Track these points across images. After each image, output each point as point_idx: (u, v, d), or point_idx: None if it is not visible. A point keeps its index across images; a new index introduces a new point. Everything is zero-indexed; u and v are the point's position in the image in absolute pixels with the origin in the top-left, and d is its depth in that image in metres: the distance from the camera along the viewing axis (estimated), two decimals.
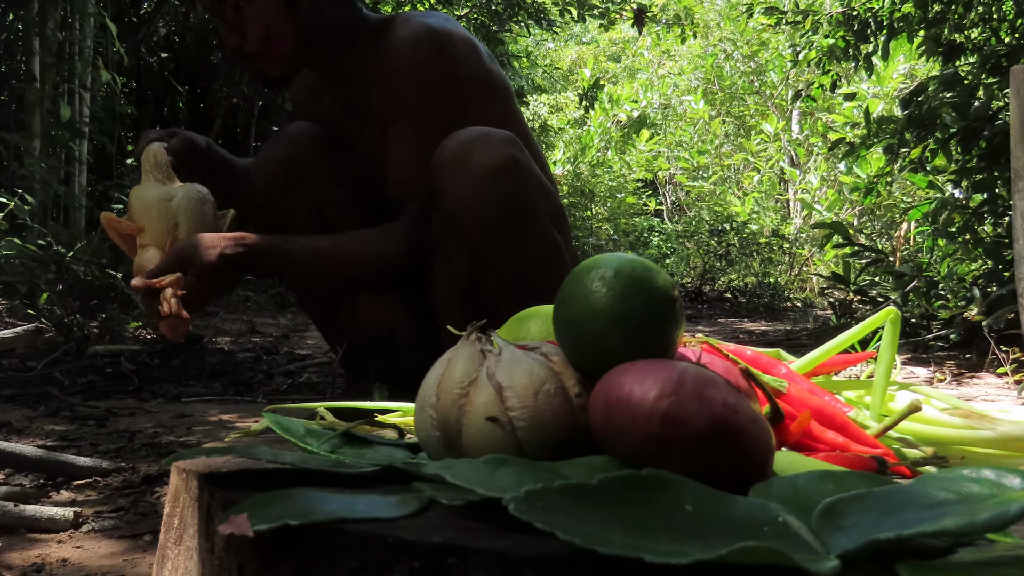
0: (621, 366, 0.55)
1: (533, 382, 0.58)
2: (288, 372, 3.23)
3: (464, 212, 1.52)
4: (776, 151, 10.72)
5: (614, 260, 0.61)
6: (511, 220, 1.52)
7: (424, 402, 0.60)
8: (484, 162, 1.49)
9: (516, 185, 1.52)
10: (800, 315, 7.14)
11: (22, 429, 2.20)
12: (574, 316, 0.60)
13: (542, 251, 1.59)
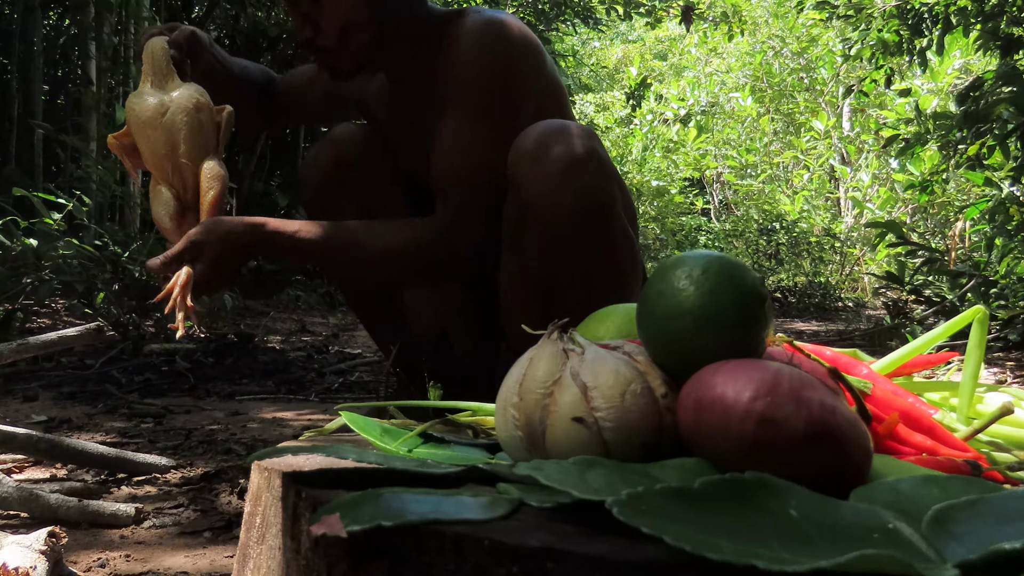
0: (712, 366, 0.53)
1: (619, 382, 0.56)
2: (339, 371, 3.25)
3: (542, 204, 1.49)
4: (826, 148, 10.56)
5: (701, 257, 0.59)
6: (590, 214, 1.49)
7: (506, 402, 0.59)
8: (564, 154, 1.46)
9: (596, 178, 1.48)
10: (852, 315, 7.02)
11: (82, 426, 2.24)
12: (660, 314, 0.58)
13: (618, 246, 1.56)
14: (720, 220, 12.27)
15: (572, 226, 1.50)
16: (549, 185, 1.47)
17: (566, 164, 1.46)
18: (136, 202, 5.00)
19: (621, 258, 1.58)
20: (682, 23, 7.27)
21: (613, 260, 1.57)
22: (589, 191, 1.48)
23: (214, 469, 1.71)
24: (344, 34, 1.59)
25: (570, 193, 1.47)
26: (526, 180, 1.50)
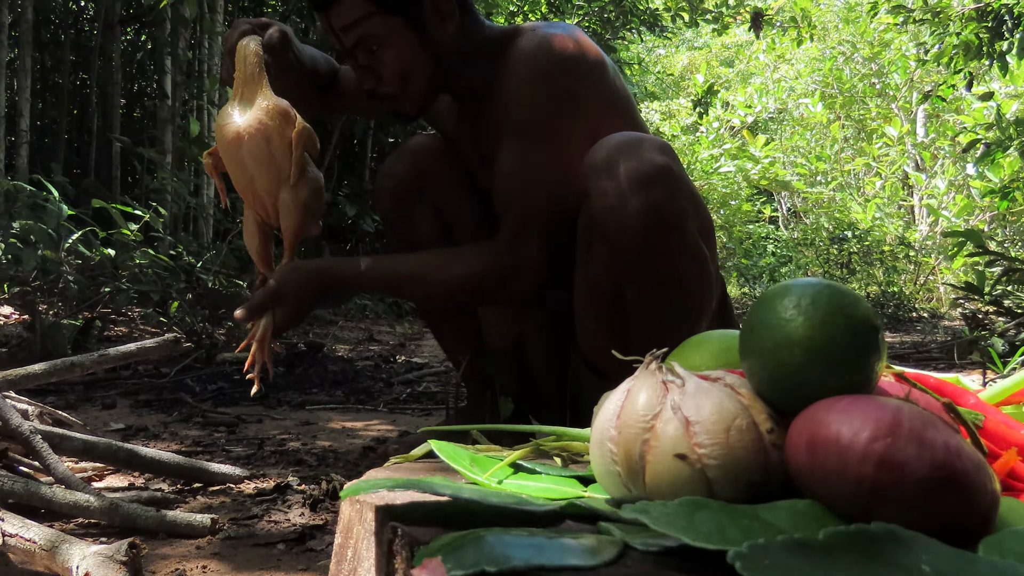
0: (823, 402, 0.50)
1: (724, 417, 0.53)
2: (407, 381, 3.26)
3: (611, 220, 1.46)
4: (899, 155, 10.30)
5: (809, 285, 0.56)
6: (661, 231, 1.45)
7: (602, 435, 0.57)
8: (636, 168, 1.43)
9: (668, 194, 1.45)
10: (928, 326, 6.82)
11: (158, 434, 2.27)
12: (767, 346, 0.55)
13: (690, 264, 1.52)
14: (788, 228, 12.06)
15: (639, 242, 1.46)
16: (617, 200, 1.45)
17: (635, 179, 1.43)
18: (209, 213, 5.11)
19: (691, 275, 1.53)
20: (751, 30, 7.16)
21: (682, 277, 1.53)
22: (658, 207, 1.44)
23: (286, 480, 1.72)
24: (405, 81, 1.60)
25: (638, 209, 1.43)
26: (595, 193, 1.48)
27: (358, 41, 1.57)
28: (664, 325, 1.57)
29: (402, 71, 1.58)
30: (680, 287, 1.53)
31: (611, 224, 1.47)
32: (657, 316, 1.55)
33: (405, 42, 1.57)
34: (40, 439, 1.44)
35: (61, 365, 1.57)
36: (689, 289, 1.54)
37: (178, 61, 5.18)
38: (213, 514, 1.49)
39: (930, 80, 9.12)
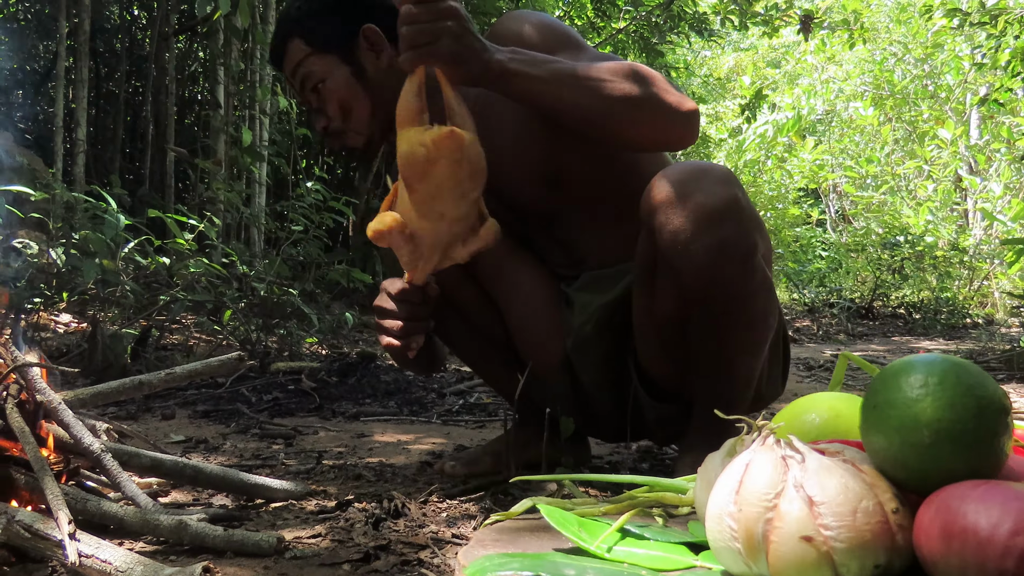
0: (956, 488, 0.49)
1: (849, 498, 0.52)
2: (459, 392, 3.27)
3: (680, 257, 1.45)
4: (951, 157, 10.10)
5: (935, 364, 0.55)
6: (730, 267, 1.45)
7: (721, 510, 0.56)
8: (704, 203, 1.42)
9: (736, 229, 1.43)
10: (982, 334, 6.69)
11: (217, 447, 2.31)
12: (892, 425, 0.55)
13: (757, 296, 1.52)
14: (836, 231, 11.89)
15: (707, 279, 1.45)
16: (685, 237, 1.43)
17: (706, 215, 1.42)
18: (261, 222, 5.18)
19: (758, 307, 1.53)
20: (800, 32, 7.08)
21: (750, 309, 1.52)
22: (729, 243, 1.43)
23: (347, 498, 1.73)
24: (346, 112, 1.71)
25: (707, 247, 1.42)
26: (661, 228, 1.46)
27: (303, 82, 1.72)
28: (728, 355, 1.56)
29: (341, 103, 1.70)
30: (748, 318, 1.52)
31: (679, 262, 1.46)
32: (722, 347, 1.55)
33: (341, 76, 1.70)
34: (110, 458, 1.46)
35: (130, 384, 1.60)
36: (754, 320, 1.53)
37: (231, 72, 5.26)
38: (278, 532, 1.51)
39: (984, 81, 8.93)
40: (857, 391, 3.19)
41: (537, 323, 1.87)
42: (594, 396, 1.89)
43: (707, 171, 1.47)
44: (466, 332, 1.94)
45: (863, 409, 0.58)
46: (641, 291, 1.65)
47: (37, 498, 1.41)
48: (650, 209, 1.49)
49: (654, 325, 1.64)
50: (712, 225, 1.42)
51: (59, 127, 5.71)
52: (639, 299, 1.66)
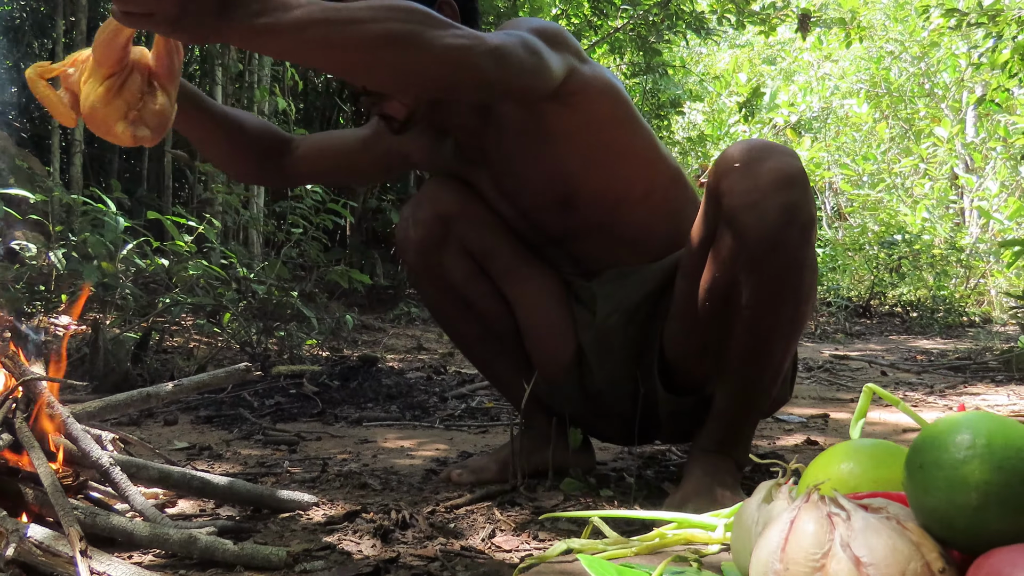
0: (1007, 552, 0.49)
1: (898, 559, 0.52)
2: (460, 395, 3.27)
3: (750, 214, 1.50)
4: (947, 155, 10.11)
5: (981, 424, 0.55)
6: (795, 230, 1.50)
7: (767, 568, 0.56)
8: (776, 167, 1.49)
9: (804, 196, 1.51)
10: (979, 333, 6.70)
11: (221, 454, 2.30)
12: (939, 486, 0.55)
13: (809, 270, 1.57)
14: (832, 228, 11.90)
15: (773, 239, 1.50)
16: (759, 195, 1.49)
17: (777, 178, 1.49)
18: (260, 224, 5.17)
19: (806, 283, 1.58)
20: (798, 31, 7.08)
21: (800, 283, 1.57)
22: (796, 207, 1.50)
23: (354, 508, 1.73)
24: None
25: (778, 206, 1.48)
26: (732, 190, 1.52)
27: None
28: (768, 331, 1.58)
29: None
30: (796, 293, 1.57)
31: (750, 218, 1.50)
32: (765, 320, 1.58)
33: None
34: (119, 471, 1.46)
35: (138, 396, 1.60)
36: (802, 297, 1.58)
37: (229, 72, 5.24)
38: (286, 543, 1.51)
39: (980, 79, 8.94)
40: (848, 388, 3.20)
41: (549, 318, 1.88)
42: (606, 394, 1.89)
43: (776, 145, 1.55)
44: (478, 334, 1.95)
45: (908, 468, 0.58)
46: (689, 266, 1.68)
47: (47, 512, 1.41)
48: (721, 173, 1.55)
49: (696, 302, 1.66)
50: (783, 189, 1.48)
51: (56, 126, 5.70)
52: (684, 276, 1.69)
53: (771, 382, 1.66)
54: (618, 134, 1.69)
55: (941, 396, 3.41)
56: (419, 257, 1.85)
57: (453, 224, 1.82)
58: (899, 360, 4.89)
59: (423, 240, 1.82)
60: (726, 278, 1.59)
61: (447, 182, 1.86)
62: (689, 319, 1.70)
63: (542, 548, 1.49)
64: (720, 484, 1.62)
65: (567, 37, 1.65)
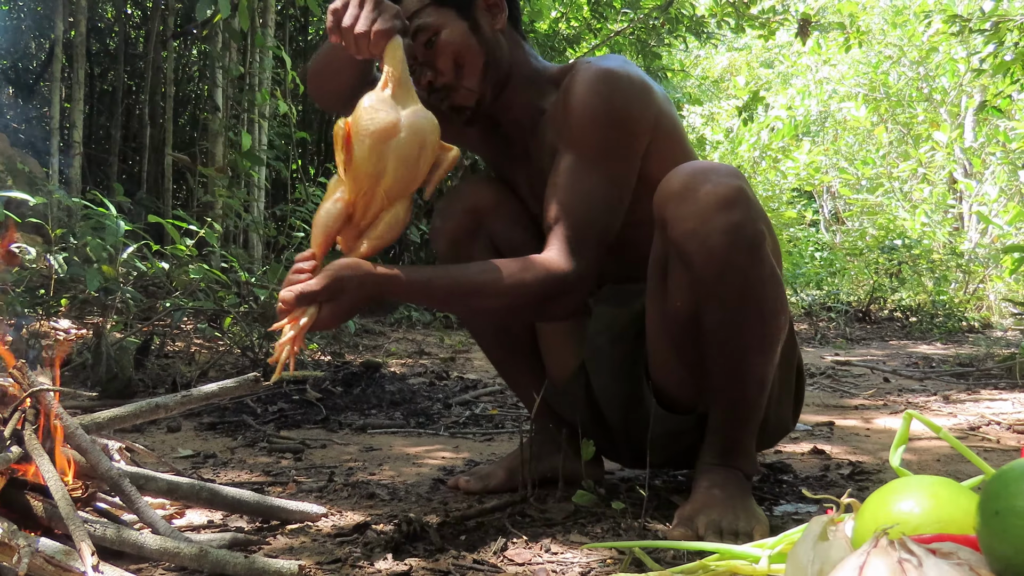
0: None
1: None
2: (464, 402, 3.26)
3: (692, 242, 1.50)
4: (945, 159, 10.11)
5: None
6: (741, 251, 1.49)
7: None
8: (713, 191, 1.48)
9: (745, 215, 1.49)
10: (979, 338, 6.70)
11: (226, 462, 2.29)
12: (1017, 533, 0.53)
13: (768, 285, 1.55)
14: (829, 231, 11.91)
15: (720, 263, 1.50)
16: (697, 222, 1.49)
17: (715, 201, 1.48)
18: (260, 228, 5.16)
19: (768, 297, 1.56)
20: (798, 36, 7.08)
21: (761, 299, 1.56)
22: (739, 228, 1.48)
23: (363, 519, 1.72)
24: (459, 68, 1.69)
25: (719, 230, 1.48)
26: (673, 218, 1.52)
27: (415, 34, 1.67)
28: (741, 350, 1.58)
29: (456, 58, 1.68)
30: (759, 309, 1.56)
31: (693, 246, 1.50)
32: (735, 340, 1.58)
33: (457, 30, 1.68)
34: (128, 483, 1.44)
35: (146, 407, 1.59)
36: (767, 312, 1.57)
37: (230, 75, 5.22)
38: (296, 556, 1.50)
39: (979, 84, 8.95)
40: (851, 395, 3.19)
41: (560, 327, 1.90)
42: (605, 411, 1.89)
43: (714, 167, 1.53)
44: (496, 330, 1.97)
45: (982, 513, 0.57)
46: (654, 293, 1.69)
47: (55, 524, 1.39)
48: (662, 202, 1.55)
49: (667, 327, 1.68)
50: (722, 211, 1.47)
51: (55, 128, 5.67)
52: (652, 303, 1.70)
53: (757, 394, 1.65)
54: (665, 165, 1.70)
55: (946, 403, 3.40)
56: (449, 247, 1.87)
57: (484, 219, 1.86)
58: (900, 366, 4.88)
59: (454, 231, 1.86)
60: (688, 305, 1.60)
61: (483, 180, 1.91)
62: (664, 343, 1.71)
63: (554, 562, 1.48)
64: (729, 496, 1.61)
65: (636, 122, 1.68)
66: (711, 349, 1.61)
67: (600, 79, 1.66)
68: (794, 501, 1.90)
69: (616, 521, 1.69)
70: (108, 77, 8.90)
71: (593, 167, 1.65)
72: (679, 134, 1.80)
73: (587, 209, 1.64)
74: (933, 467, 2.26)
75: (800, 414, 1.92)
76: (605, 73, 1.67)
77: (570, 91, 1.68)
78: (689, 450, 1.80)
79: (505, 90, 1.77)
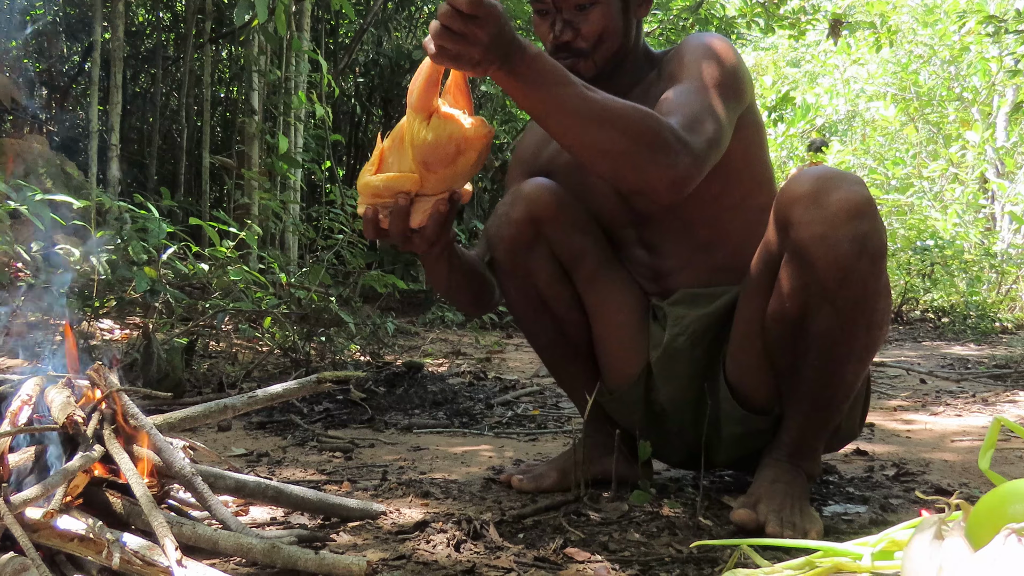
0: None
1: None
2: (505, 402, 3.29)
3: (819, 247, 1.51)
4: (976, 159, 10.03)
5: None
6: (866, 261, 1.51)
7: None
8: (846, 198, 1.50)
9: (873, 226, 1.51)
10: (1013, 339, 6.66)
11: (280, 460, 2.33)
12: None
13: (882, 298, 1.58)
14: None
15: (845, 271, 1.52)
16: (827, 227, 1.50)
17: (847, 209, 1.50)
18: (300, 230, 5.22)
19: (880, 309, 1.59)
20: (829, 37, 7.06)
21: (874, 310, 1.58)
22: (866, 238, 1.51)
23: (422, 517, 1.75)
24: (600, 41, 1.74)
25: (848, 238, 1.50)
26: (801, 221, 1.53)
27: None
28: (842, 357, 1.60)
29: (602, 31, 1.74)
30: (869, 320, 1.59)
31: (820, 251, 1.52)
32: (839, 347, 1.60)
33: (614, 7, 1.74)
34: (201, 481, 1.49)
35: (215, 407, 1.63)
36: (877, 322, 1.60)
37: (267, 79, 5.29)
38: (360, 553, 1.53)
39: (1012, 84, 8.87)
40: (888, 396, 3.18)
41: (623, 332, 1.91)
42: (668, 412, 1.91)
43: (843, 174, 1.56)
44: (552, 337, 1.96)
45: None
46: (756, 292, 1.70)
47: (134, 521, 1.44)
48: (788, 202, 1.56)
49: (765, 327, 1.68)
50: (853, 220, 1.49)
51: (94, 132, 5.76)
52: (749, 302, 1.72)
53: (843, 401, 1.68)
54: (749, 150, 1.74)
55: (985, 405, 3.40)
56: (507, 255, 1.86)
57: (544, 227, 1.84)
58: (935, 367, 4.86)
59: (514, 239, 1.84)
60: (796, 307, 1.61)
61: (546, 184, 1.87)
62: (755, 343, 1.73)
63: (613, 559, 1.51)
64: (790, 493, 1.64)
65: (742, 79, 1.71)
66: (811, 353, 1.63)
67: (712, 41, 1.73)
68: (842, 501, 1.92)
69: (670, 520, 1.72)
70: (140, 80, 9.02)
71: (704, 89, 1.63)
72: (761, 127, 1.84)
73: (701, 110, 1.58)
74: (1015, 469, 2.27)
75: (866, 418, 1.94)
76: (715, 38, 1.74)
77: (678, 51, 1.75)
78: (756, 454, 1.82)
79: (618, 69, 1.81)
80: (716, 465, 1.98)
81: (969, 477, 2.15)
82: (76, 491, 1.38)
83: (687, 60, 1.70)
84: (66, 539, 1.25)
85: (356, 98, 8.47)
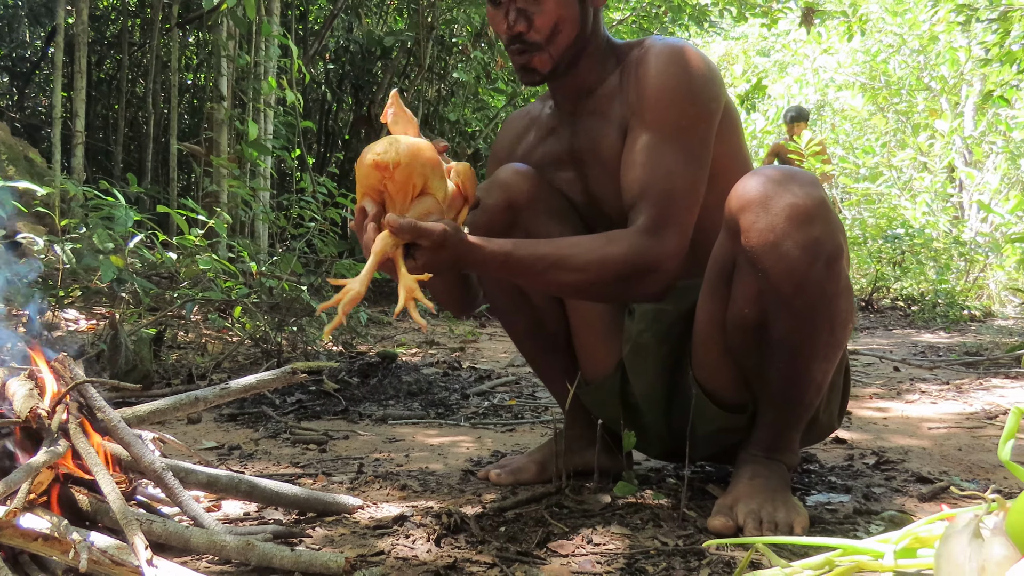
0: None
1: None
2: (481, 392, 3.25)
3: (769, 256, 1.47)
4: (943, 148, 10.11)
5: None
6: (820, 267, 1.47)
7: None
8: (795, 203, 1.45)
9: (825, 230, 1.46)
10: (981, 327, 6.73)
11: (252, 453, 2.28)
12: None
13: (841, 298, 1.54)
14: None
15: (798, 278, 1.47)
16: (776, 235, 1.46)
17: (796, 214, 1.45)
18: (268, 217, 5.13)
19: (840, 311, 1.55)
20: (801, 25, 7.07)
21: (833, 313, 1.54)
22: (818, 243, 1.46)
23: (400, 511, 1.71)
24: (554, 32, 1.68)
25: (799, 245, 1.45)
26: (749, 228, 1.49)
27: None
28: (806, 358, 1.57)
29: (556, 21, 1.67)
30: (830, 321, 1.55)
31: (770, 260, 1.47)
32: (802, 349, 1.56)
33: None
34: (171, 476, 1.44)
35: (186, 400, 1.58)
36: (841, 321, 1.56)
37: (236, 64, 5.19)
38: (338, 548, 1.49)
39: (979, 73, 8.95)
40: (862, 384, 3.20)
41: (599, 324, 1.88)
42: (642, 408, 1.88)
43: (794, 175, 1.50)
44: (530, 328, 1.94)
45: None
46: (712, 296, 1.65)
47: (101, 519, 1.38)
48: (737, 208, 1.51)
49: (724, 330, 1.65)
50: (803, 226, 1.45)
51: (57, 118, 5.63)
52: (707, 305, 1.67)
53: (814, 397, 1.65)
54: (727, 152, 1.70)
55: (959, 392, 3.41)
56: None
57: (520, 214, 1.81)
58: (907, 355, 4.89)
59: (489, 227, 1.79)
60: (754, 314, 1.57)
61: (521, 169, 1.84)
62: (716, 345, 1.68)
63: (598, 553, 1.48)
64: (770, 488, 1.62)
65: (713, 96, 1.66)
66: (775, 356, 1.59)
67: (675, 57, 1.65)
68: (825, 491, 1.90)
69: (654, 512, 1.69)
70: (105, 65, 8.85)
71: (672, 143, 1.61)
72: (738, 122, 1.79)
73: (670, 185, 1.60)
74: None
75: (845, 410, 1.92)
76: (679, 51, 1.66)
77: (644, 67, 1.66)
78: (733, 446, 1.80)
79: (578, 62, 1.75)
80: (694, 460, 1.96)
81: (948, 465, 2.14)
82: (40, 488, 1.32)
83: (652, 95, 1.64)
84: (29, 538, 1.20)
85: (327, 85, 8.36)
